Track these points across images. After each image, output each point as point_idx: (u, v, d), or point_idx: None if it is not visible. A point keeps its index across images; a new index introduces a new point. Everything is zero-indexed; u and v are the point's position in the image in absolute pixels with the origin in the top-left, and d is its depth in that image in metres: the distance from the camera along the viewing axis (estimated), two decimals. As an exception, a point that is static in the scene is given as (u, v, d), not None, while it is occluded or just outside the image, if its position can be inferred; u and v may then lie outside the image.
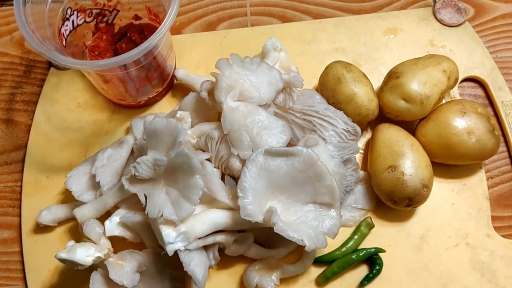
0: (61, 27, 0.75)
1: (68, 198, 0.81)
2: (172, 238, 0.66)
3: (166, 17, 0.68)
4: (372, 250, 0.76)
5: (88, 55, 0.83)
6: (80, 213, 0.73)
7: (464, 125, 0.76)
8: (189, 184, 0.66)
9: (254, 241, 0.75)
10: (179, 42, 0.92)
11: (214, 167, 0.73)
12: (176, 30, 0.94)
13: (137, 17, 0.85)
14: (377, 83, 0.85)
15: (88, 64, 0.69)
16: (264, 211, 0.66)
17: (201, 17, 0.97)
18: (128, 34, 0.84)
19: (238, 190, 0.67)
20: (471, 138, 0.75)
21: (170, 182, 0.68)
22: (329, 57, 0.90)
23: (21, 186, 0.84)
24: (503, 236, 0.79)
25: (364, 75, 0.80)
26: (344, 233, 0.78)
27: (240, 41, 0.94)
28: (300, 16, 0.97)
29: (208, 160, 0.74)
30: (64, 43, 0.75)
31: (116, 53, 0.84)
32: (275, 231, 0.64)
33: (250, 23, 0.97)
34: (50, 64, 0.93)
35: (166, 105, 0.89)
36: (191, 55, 0.92)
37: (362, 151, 0.85)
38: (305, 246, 0.64)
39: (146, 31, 0.84)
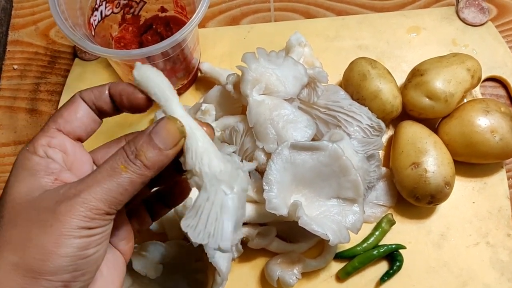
0: (90, 17, 0.76)
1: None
2: (198, 230, 0.66)
3: (198, 9, 0.68)
4: (393, 246, 0.77)
5: (114, 46, 0.84)
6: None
7: (488, 124, 0.76)
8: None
9: (276, 235, 0.75)
10: (203, 36, 0.93)
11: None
12: (200, 24, 0.94)
13: (163, 9, 0.85)
14: (399, 80, 0.85)
15: (123, 54, 0.69)
16: (289, 205, 0.67)
17: (225, 12, 0.98)
18: (154, 26, 0.85)
19: (264, 183, 0.67)
20: (494, 137, 0.75)
21: None
22: (352, 54, 0.90)
23: (44, 176, 0.85)
24: (524, 235, 0.79)
25: (389, 72, 0.81)
26: (365, 229, 0.78)
27: (264, 36, 0.94)
28: (324, 12, 0.97)
29: (234, 153, 0.74)
30: (93, 33, 0.76)
31: (141, 45, 0.85)
32: (299, 224, 0.64)
33: (274, 18, 0.97)
34: (74, 55, 0.93)
35: (190, 98, 0.89)
36: (214, 49, 0.93)
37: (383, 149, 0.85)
38: (328, 240, 0.64)
39: (172, 23, 0.84)
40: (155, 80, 0.48)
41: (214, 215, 0.46)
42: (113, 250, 0.50)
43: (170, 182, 0.56)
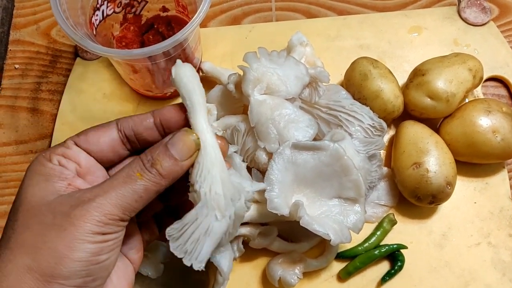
0: (92, 16, 0.76)
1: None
2: (199, 229, 0.66)
3: (200, 9, 0.68)
4: (394, 246, 0.77)
5: (115, 46, 0.84)
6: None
7: (489, 124, 0.76)
8: None
9: (278, 235, 0.75)
10: (204, 36, 0.93)
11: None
12: (201, 23, 0.94)
13: (164, 9, 0.85)
14: (401, 80, 0.85)
15: (124, 53, 0.69)
16: (290, 205, 0.67)
17: (226, 11, 0.98)
18: (155, 26, 0.85)
19: (265, 183, 0.67)
20: (496, 137, 0.75)
21: None
22: (353, 53, 0.90)
23: (46, 175, 0.85)
24: (525, 236, 0.79)
25: (390, 72, 0.81)
26: (367, 229, 0.78)
27: (265, 35, 0.94)
28: (325, 12, 0.97)
29: (235, 153, 0.74)
30: (94, 32, 0.76)
31: (143, 44, 0.85)
32: (301, 224, 0.64)
33: (275, 18, 0.97)
34: (76, 54, 0.93)
35: (191, 97, 0.89)
36: (216, 49, 0.93)
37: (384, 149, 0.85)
38: (330, 240, 0.64)
39: (173, 23, 0.84)
40: (187, 84, 0.49)
41: (197, 236, 0.47)
42: (123, 258, 0.50)
43: (182, 197, 0.57)
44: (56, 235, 0.41)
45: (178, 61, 0.49)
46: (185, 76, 0.49)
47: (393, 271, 0.76)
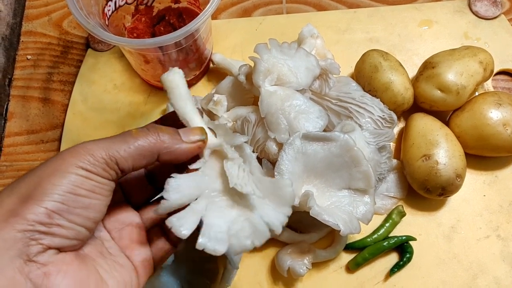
0: (105, 7, 0.76)
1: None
2: (210, 218, 0.66)
3: (212, 0, 0.69)
4: (403, 238, 0.77)
5: (127, 37, 0.84)
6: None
7: (500, 117, 0.75)
8: None
9: (287, 226, 0.76)
10: (215, 27, 0.93)
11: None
12: (212, 15, 0.94)
13: (176, 1, 0.86)
14: (411, 74, 0.84)
15: (137, 42, 0.69)
16: (300, 195, 0.67)
17: (237, 3, 0.98)
18: (167, 18, 0.85)
19: (275, 173, 0.67)
20: (506, 130, 0.75)
21: None
22: (363, 46, 0.90)
23: (56, 164, 0.86)
24: (535, 229, 0.79)
25: (400, 64, 0.81)
26: (376, 221, 0.78)
27: (276, 28, 0.94)
28: (335, 5, 0.98)
29: (245, 143, 0.74)
30: (106, 22, 0.76)
31: (154, 35, 0.85)
32: (311, 214, 0.64)
33: (286, 10, 0.97)
34: (87, 45, 0.94)
35: (202, 89, 0.90)
36: (226, 41, 0.93)
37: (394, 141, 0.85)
38: (339, 230, 0.64)
39: (184, 14, 0.85)
40: (172, 84, 0.51)
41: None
42: (127, 261, 0.50)
43: None
44: (43, 165, 0.43)
45: (173, 69, 0.51)
46: (173, 81, 0.51)
47: (401, 262, 0.76)
